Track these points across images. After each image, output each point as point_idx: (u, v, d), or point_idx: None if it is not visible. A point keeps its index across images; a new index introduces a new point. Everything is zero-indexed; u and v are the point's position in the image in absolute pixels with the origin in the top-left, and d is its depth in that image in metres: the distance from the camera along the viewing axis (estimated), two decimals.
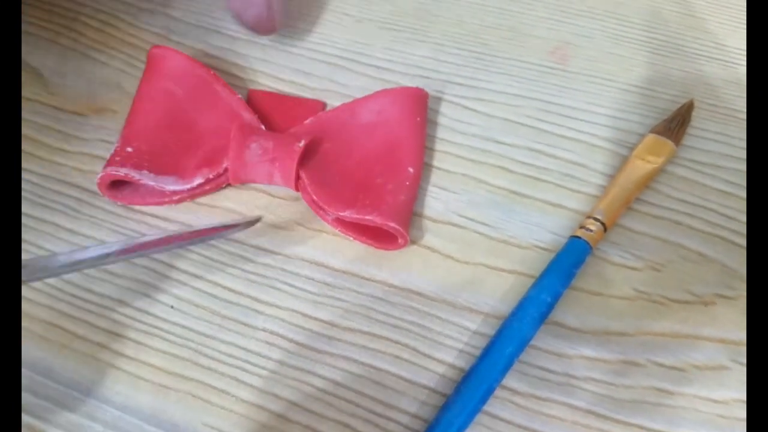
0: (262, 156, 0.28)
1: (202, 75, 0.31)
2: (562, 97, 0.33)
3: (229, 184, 0.30)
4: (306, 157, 0.29)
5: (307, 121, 0.30)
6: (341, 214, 0.28)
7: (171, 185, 0.29)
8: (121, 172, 0.28)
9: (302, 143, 0.28)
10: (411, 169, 0.29)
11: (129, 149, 0.29)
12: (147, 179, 0.28)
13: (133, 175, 0.28)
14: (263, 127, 0.30)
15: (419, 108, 0.31)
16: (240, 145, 0.28)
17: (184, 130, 0.30)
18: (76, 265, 0.24)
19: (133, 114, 0.30)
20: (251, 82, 0.33)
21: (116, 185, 0.29)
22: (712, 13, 0.36)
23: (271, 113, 0.32)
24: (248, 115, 0.30)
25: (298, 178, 0.29)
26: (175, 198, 0.29)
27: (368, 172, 0.29)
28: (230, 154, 0.28)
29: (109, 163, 0.29)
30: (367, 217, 0.27)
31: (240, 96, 0.31)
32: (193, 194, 0.29)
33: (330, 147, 0.30)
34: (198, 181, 0.29)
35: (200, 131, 0.30)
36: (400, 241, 0.28)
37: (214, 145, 0.29)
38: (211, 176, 0.29)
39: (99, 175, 0.28)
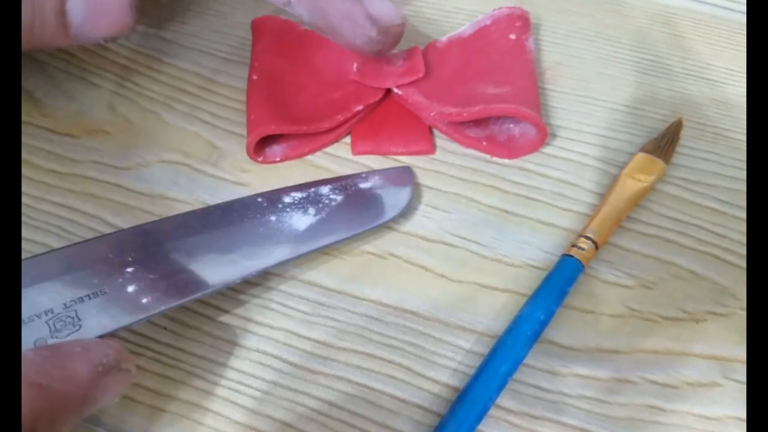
0: (390, 62, 0.32)
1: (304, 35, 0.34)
2: (553, 117, 0.33)
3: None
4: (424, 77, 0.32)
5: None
6: (469, 109, 0.30)
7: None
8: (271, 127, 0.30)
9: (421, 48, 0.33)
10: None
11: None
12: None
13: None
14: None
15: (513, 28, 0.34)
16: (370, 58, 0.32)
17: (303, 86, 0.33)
18: None
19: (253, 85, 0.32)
20: (244, 103, 0.33)
21: (260, 147, 0.31)
22: (700, 33, 0.36)
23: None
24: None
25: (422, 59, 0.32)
26: (326, 140, 0.32)
27: (481, 82, 0.32)
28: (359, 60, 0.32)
29: (252, 128, 0.31)
30: (496, 106, 0.30)
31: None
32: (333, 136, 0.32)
33: (443, 69, 0.33)
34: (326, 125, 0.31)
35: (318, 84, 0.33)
36: (534, 134, 0.31)
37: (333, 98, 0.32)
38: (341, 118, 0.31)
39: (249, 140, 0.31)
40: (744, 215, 0.30)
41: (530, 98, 0.31)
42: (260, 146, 0.31)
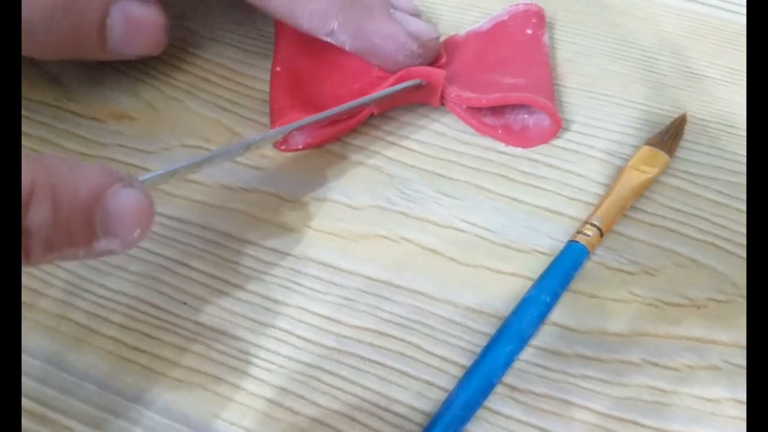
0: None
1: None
2: (562, 111, 0.34)
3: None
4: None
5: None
6: (487, 96, 0.31)
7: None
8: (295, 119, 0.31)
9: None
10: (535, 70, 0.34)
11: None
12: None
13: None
14: None
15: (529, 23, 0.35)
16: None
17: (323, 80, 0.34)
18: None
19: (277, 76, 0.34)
20: (266, 93, 0.34)
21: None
22: (705, 33, 0.37)
23: None
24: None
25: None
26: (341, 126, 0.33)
27: (498, 72, 0.33)
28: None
29: (276, 117, 0.32)
30: (513, 94, 0.31)
31: None
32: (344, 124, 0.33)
33: (463, 60, 0.34)
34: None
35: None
36: (547, 124, 0.32)
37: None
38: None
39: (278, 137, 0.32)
40: (744, 207, 0.31)
41: (545, 90, 0.32)
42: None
